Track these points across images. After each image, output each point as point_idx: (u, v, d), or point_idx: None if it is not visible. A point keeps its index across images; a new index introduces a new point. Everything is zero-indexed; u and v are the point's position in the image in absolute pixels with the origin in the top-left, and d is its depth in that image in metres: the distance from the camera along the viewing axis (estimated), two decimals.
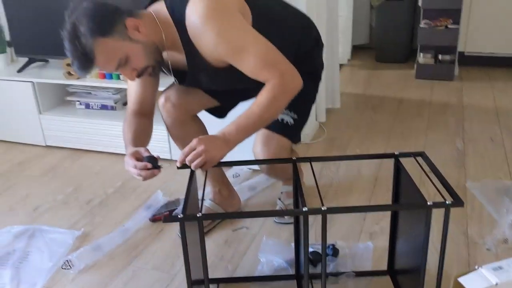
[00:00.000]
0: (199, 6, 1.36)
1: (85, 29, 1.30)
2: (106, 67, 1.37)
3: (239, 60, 1.39)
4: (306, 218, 1.21)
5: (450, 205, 1.19)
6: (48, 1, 2.57)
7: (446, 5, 3.56)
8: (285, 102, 1.41)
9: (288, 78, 1.40)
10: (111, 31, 1.33)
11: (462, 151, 2.50)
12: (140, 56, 1.38)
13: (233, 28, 1.38)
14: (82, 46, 1.30)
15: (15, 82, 2.68)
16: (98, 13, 1.33)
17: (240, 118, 1.39)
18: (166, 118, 1.75)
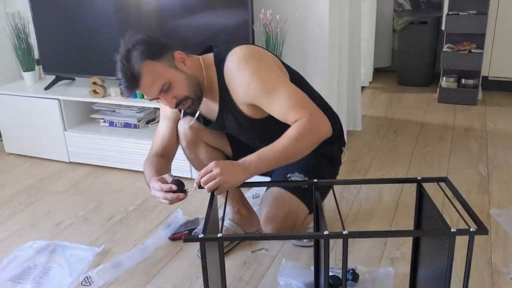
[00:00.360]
0: (239, 52, 1.49)
1: (137, 52, 1.41)
2: (150, 90, 1.44)
3: (269, 100, 1.45)
4: (327, 242, 1.21)
5: (474, 233, 1.17)
6: (76, 22, 2.65)
7: (469, 30, 3.54)
8: (311, 143, 1.41)
9: (317, 119, 1.42)
10: (160, 57, 1.43)
11: (486, 177, 2.46)
12: (182, 85, 1.46)
13: (267, 71, 1.47)
14: (131, 66, 1.40)
15: (42, 99, 2.74)
16: (151, 41, 1.45)
17: (264, 149, 1.41)
18: (181, 140, 1.77)
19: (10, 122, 2.89)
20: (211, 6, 2.40)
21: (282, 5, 2.45)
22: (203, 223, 2.06)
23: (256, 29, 2.31)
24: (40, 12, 2.73)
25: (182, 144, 1.77)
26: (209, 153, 1.78)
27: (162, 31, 2.49)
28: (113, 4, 2.56)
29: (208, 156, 1.77)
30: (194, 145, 1.76)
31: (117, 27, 2.60)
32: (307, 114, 1.41)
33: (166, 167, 1.69)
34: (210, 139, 1.77)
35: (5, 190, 2.53)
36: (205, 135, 1.75)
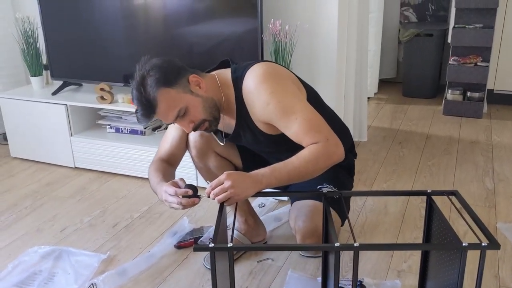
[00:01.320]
0: (258, 69, 1.49)
1: (151, 79, 1.40)
2: (166, 116, 1.44)
3: (286, 121, 1.45)
4: (337, 254, 1.20)
5: (486, 247, 1.17)
6: (85, 28, 2.66)
7: (476, 43, 3.55)
8: (325, 166, 1.44)
9: (332, 144, 1.44)
10: (175, 83, 1.43)
11: (492, 190, 2.45)
12: (199, 109, 1.46)
13: (286, 92, 1.48)
14: (147, 94, 1.40)
15: (49, 104, 2.75)
16: (165, 67, 1.44)
17: (278, 164, 1.42)
18: (192, 148, 1.76)
19: (17, 127, 2.90)
20: (220, 14, 2.42)
21: (291, 15, 2.46)
22: (208, 232, 2.08)
23: (265, 38, 2.32)
24: (50, 18, 2.74)
25: (192, 153, 1.77)
26: (219, 162, 1.78)
27: (170, 38, 2.50)
28: (121, 11, 2.57)
29: (217, 165, 1.77)
30: (204, 154, 1.76)
31: (125, 34, 2.61)
32: (324, 139, 1.43)
33: (171, 173, 1.70)
34: (221, 149, 1.77)
35: (10, 195, 2.53)
36: (216, 145, 1.74)
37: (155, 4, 2.50)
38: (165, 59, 1.47)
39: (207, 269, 1.85)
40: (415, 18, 4.37)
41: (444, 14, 4.26)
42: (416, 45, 4.03)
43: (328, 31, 2.46)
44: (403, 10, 4.38)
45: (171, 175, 1.67)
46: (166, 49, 2.53)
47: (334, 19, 2.42)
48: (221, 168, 1.74)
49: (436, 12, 4.29)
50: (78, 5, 2.64)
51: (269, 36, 2.32)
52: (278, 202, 2.36)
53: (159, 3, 2.49)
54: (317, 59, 2.53)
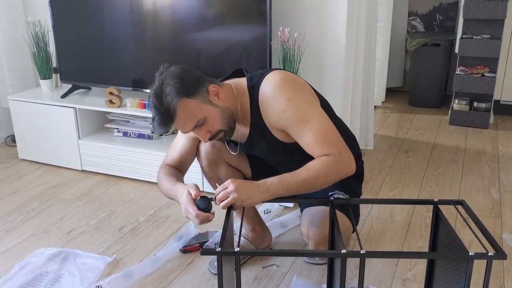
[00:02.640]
0: (275, 76, 1.49)
1: (171, 88, 1.39)
2: (184, 126, 1.44)
3: (301, 131, 1.46)
4: (344, 261, 1.21)
5: (492, 257, 1.17)
6: (95, 33, 2.69)
7: (483, 54, 3.56)
8: (334, 180, 1.45)
9: (344, 159, 1.44)
10: (195, 93, 1.42)
11: (498, 201, 2.45)
12: (216, 119, 1.46)
13: (303, 100, 1.48)
14: (166, 104, 1.39)
15: (58, 107, 2.77)
16: (185, 76, 1.43)
17: (287, 174, 1.42)
18: (203, 158, 1.75)
19: (25, 129, 2.93)
20: (229, 20, 2.44)
21: (300, 23, 2.48)
22: (214, 237, 2.08)
23: (273, 45, 2.34)
24: (61, 22, 2.77)
25: (203, 163, 1.76)
26: (229, 173, 1.78)
27: (179, 44, 2.53)
28: (131, 17, 2.60)
29: (227, 176, 1.76)
30: (215, 164, 1.76)
31: (134, 38, 2.63)
32: (336, 152, 1.43)
33: (182, 179, 1.69)
34: (231, 159, 1.77)
35: (18, 196, 2.55)
36: (227, 154, 1.74)
37: (164, 9, 2.52)
38: (184, 67, 1.46)
39: (212, 274, 1.86)
40: (422, 27, 4.39)
41: (452, 24, 4.27)
42: (423, 54, 4.04)
43: (336, 39, 2.47)
44: (410, 20, 4.40)
45: (182, 179, 1.67)
46: (175, 54, 2.55)
47: (342, 27, 2.44)
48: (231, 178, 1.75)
49: (444, 22, 4.30)
50: (88, 10, 2.67)
51: (277, 43, 2.33)
52: (283, 209, 2.37)
53: (169, 8, 2.51)
54: (325, 67, 2.55)
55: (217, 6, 2.45)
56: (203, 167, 1.78)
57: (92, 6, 2.66)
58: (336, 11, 2.43)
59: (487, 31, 3.64)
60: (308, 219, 1.64)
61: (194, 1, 2.44)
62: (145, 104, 2.64)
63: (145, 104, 2.64)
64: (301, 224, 1.68)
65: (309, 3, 2.46)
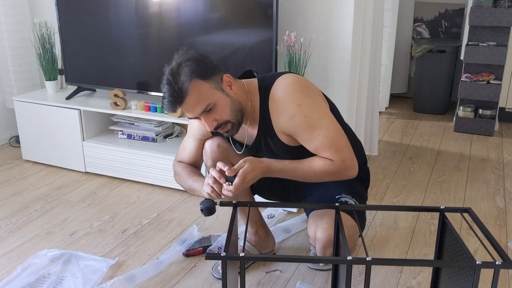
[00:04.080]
0: (288, 79, 1.51)
1: (187, 69, 1.41)
2: (193, 109, 1.44)
3: (310, 137, 1.48)
4: (350, 268, 1.20)
5: (500, 266, 1.16)
6: (101, 35, 2.69)
7: (489, 61, 3.55)
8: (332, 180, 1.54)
9: (347, 166, 1.48)
10: (209, 77, 1.43)
11: (503, 209, 2.43)
12: (226, 108, 1.46)
13: (314, 106, 1.49)
14: (180, 82, 1.40)
15: (63, 108, 2.77)
16: (203, 60, 1.44)
17: (289, 162, 1.50)
18: (207, 158, 1.75)
19: (30, 130, 2.93)
20: (236, 24, 2.43)
21: (306, 28, 2.48)
22: (217, 241, 2.07)
23: (279, 49, 2.33)
24: (67, 23, 2.78)
25: (208, 163, 1.76)
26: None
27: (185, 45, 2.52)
28: (137, 19, 2.60)
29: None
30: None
31: (140, 41, 2.63)
32: (341, 160, 1.46)
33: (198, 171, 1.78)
34: (237, 160, 1.76)
35: (21, 197, 2.55)
36: (233, 155, 1.74)
37: (170, 12, 2.52)
38: (202, 54, 1.48)
39: (215, 278, 1.85)
40: (427, 34, 4.38)
41: (457, 31, 4.27)
42: (428, 61, 4.04)
43: (342, 45, 2.47)
44: (416, 26, 4.39)
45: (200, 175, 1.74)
46: None
47: (348, 32, 2.43)
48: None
49: (449, 28, 4.30)
50: (95, 12, 2.67)
51: (283, 48, 2.33)
52: (287, 213, 2.36)
53: (174, 11, 2.51)
54: (330, 72, 2.54)
55: (223, 9, 2.45)
56: (208, 168, 1.77)
57: (98, 8, 2.66)
58: (342, 16, 2.43)
59: (493, 38, 3.64)
60: (315, 222, 1.63)
61: (200, 5, 2.44)
62: (149, 107, 2.63)
63: (150, 106, 2.63)
64: (308, 227, 1.67)
65: (315, 8, 2.46)
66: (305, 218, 2.27)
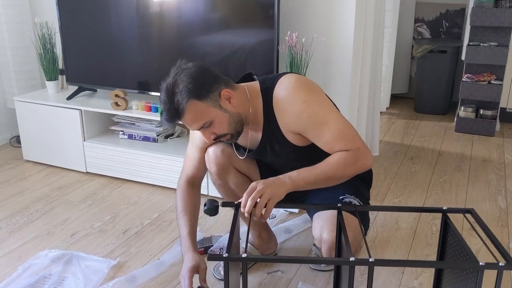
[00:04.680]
0: (290, 78, 1.50)
1: (183, 88, 1.40)
2: (190, 126, 1.47)
3: (318, 131, 1.46)
4: (352, 269, 1.19)
5: (503, 267, 1.15)
6: (102, 35, 2.69)
7: (490, 61, 3.54)
8: (352, 173, 1.46)
9: (362, 153, 1.45)
10: (206, 96, 1.42)
11: (505, 209, 2.43)
12: (224, 124, 1.47)
13: (319, 102, 1.49)
14: (176, 102, 1.40)
15: (64, 108, 2.77)
16: (200, 78, 1.42)
17: (305, 168, 1.43)
18: (211, 165, 1.72)
19: (30, 130, 2.92)
20: (237, 24, 2.43)
21: (308, 28, 2.47)
22: (218, 242, 2.07)
23: (281, 50, 2.33)
24: (68, 23, 2.77)
25: (212, 169, 1.73)
26: (239, 179, 1.75)
27: (186, 47, 2.52)
28: (137, 20, 2.60)
29: (237, 182, 1.75)
30: (224, 171, 1.73)
31: (140, 41, 2.63)
32: (356, 148, 1.44)
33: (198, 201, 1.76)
34: (241, 165, 1.75)
35: (22, 197, 2.55)
36: (237, 160, 1.72)
37: (171, 12, 2.52)
38: (202, 67, 1.45)
39: (216, 279, 1.85)
40: (428, 34, 4.38)
41: (458, 31, 4.26)
42: (429, 61, 4.03)
43: (344, 45, 2.47)
44: (417, 26, 4.39)
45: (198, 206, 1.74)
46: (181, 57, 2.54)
47: (350, 33, 2.43)
48: (240, 185, 1.73)
49: (450, 29, 4.29)
50: (96, 12, 2.67)
51: (285, 48, 2.33)
52: (288, 214, 2.35)
53: (175, 11, 2.51)
54: (332, 73, 2.54)
55: (224, 10, 2.45)
56: (212, 173, 1.75)
57: (99, 9, 2.66)
58: (344, 16, 2.42)
59: (494, 38, 3.63)
60: (320, 223, 1.60)
61: (201, 5, 2.44)
62: (150, 107, 2.63)
63: (151, 107, 2.63)
64: (313, 228, 1.65)
65: (317, 8, 2.45)
66: (307, 219, 2.27)
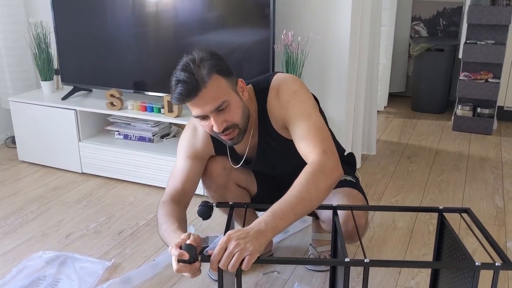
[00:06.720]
0: (285, 75, 1.52)
1: (209, 62, 1.35)
2: (208, 103, 1.35)
3: (299, 120, 1.42)
4: (347, 270, 1.18)
5: (500, 267, 1.14)
6: (97, 35, 2.67)
7: (487, 59, 3.53)
8: (326, 186, 1.28)
9: (328, 157, 1.33)
10: (229, 76, 1.40)
11: (502, 208, 2.42)
12: (238, 110, 1.42)
13: (308, 98, 1.48)
14: (200, 72, 1.33)
15: (59, 109, 2.75)
16: (222, 59, 1.40)
17: (275, 203, 1.23)
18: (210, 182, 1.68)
19: (25, 130, 2.90)
20: (232, 23, 2.42)
21: (304, 27, 2.46)
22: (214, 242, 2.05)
23: (277, 49, 2.31)
24: (62, 23, 2.76)
25: (212, 186, 1.70)
26: (238, 193, 1.74)
27: (182, 46, 2.51)
28: (133, 19, 2.58)
29: (236, 196, 1.73)
30: (225, 188, 1.71)
31: (136, 41, 2.61)
32: (321, 151, 1.33)
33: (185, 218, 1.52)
34: (240, 178, 1.74)
35: (17, 198, 2.53)
36: (237, 174, 1.71)
37: (167, 12, 2.50)
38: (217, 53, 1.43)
39: (212, 280, 1.83)
40: (426, 32, 4.37)
41: (455, 29, 4.25)
42: (426, 59, 4.02)
43: (340, 44, 2.45)
44: (414, 25, 4.38)
45: (185, 221, 1.50)
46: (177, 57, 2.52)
47: (346, 31, 2.42)
48: (240, 198, 1.72)
49: (447, 27, 4.28)
50: (90, 11, 2.65)
51: (281, 47, 2.31)
52: None
53: (171, 11, 2.50)
54: (328, 71, 2.52)
55: (220, 9, 2.43)
56: (210, 191, 1.73)
57: (94, 8, 2.64)
58: (340, 15, 2.41)
59: (491, 36, 3.62)
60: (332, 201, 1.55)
61: (197, 4, 2.43)
62: (146, 107, 2.61)
63: (146, 106, 2.61)
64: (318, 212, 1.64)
65: (313, 7, 2.44)
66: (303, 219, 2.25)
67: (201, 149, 1.62)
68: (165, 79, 2.68)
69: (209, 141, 1.61)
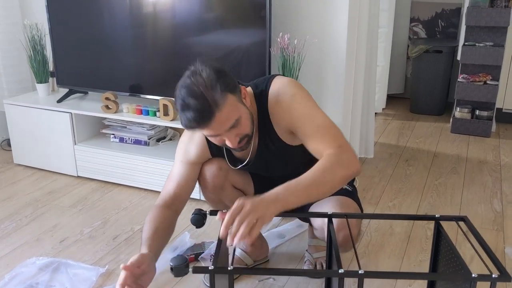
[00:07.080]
0: (284, 79, 1.49)
1: (220, 82, 1.30)
2: (223, 123, 1.32)
3: (305, 123, 1.41)
4: (342, 281, 1.16)
5: (496, 279, 1.12)
6: (92, 37, 2.65)
7: (486, 61, 3.51)
8: (342, 175, 1.29)
9: (345, 150, 1.34)
10: (236, 90, 1.36)
11: (500, 213, 2.40)
12: (247, 121, 1.40)
13: (309, 100, 1.45)
14: (212, 98, 1.28)
15: (54, 111, 2.73)
16: (227, 73, 1.35)
17: (290, 181, 1.25)
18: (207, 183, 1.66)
19: (21, 133, 2.88)
20: (229, 26, 2.40)
21: (300, 29, 2.44)
22: (210, 248, 2.04)
23: (273, 52, 2.29)
24: (58, 25, 2.74)
25: (208, 187, 1.68)
26: (234, 195, 1.72)
27: (178, 49, 2.49)
28: (129, 21, 2.56)
29: (231, 198, 1.69)
30: (221, 189, 1.69)
31: (132, 43, 2.59)
32: (337, 145, 1.34)
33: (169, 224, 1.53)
34: (237, 179, 1.72)
35: (12, 202, 2.51)
36: (233, 175, 1.69)
37: (163, 14, 2.48)
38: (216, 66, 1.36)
39: (207, 287, 1.81)
40: (424, 34, 4.35)
41: (454, 31, 4.23)
42: (425, 61, 4.00)
43: (337, 46, 2.43)
44: (412, 26, 4.36)
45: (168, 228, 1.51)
46: (173, 59, 2.51)
47: (343, 33, 2.40)
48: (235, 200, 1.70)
49: (446, 29, 4.26)
50: (86, 13, 2.63)
51: (277, 50, 2.29)
52: (281, 219, 2.32)
53: (168, 13, 2.47)
54: (325, 74, 2.51)
55: (216, 11, 2.41)
56: (207, 192, 1.71)
57: (90, 10, 2.62)
58: (337, 17, 2.39)
59: (490, 38, 3.60)
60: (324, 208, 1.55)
61: (194, 6, 2.40)
62: (141, 110, 2.59)
63: (142, 110, 2.59)
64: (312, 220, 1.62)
65: (309, 9, 2.42)
66: (300, 224, 2.24)
67: (196, 154, 1.61)
68: (161, 82, 2.67)
69: (205, 145, 1.60)
